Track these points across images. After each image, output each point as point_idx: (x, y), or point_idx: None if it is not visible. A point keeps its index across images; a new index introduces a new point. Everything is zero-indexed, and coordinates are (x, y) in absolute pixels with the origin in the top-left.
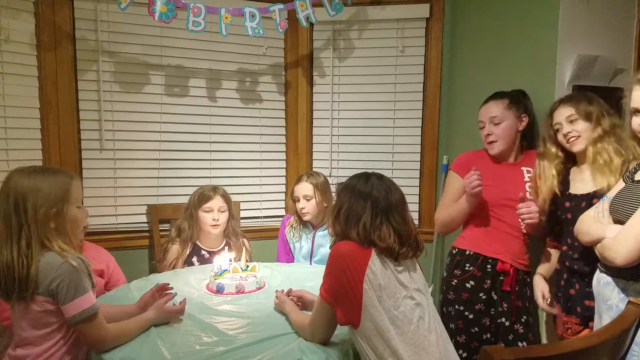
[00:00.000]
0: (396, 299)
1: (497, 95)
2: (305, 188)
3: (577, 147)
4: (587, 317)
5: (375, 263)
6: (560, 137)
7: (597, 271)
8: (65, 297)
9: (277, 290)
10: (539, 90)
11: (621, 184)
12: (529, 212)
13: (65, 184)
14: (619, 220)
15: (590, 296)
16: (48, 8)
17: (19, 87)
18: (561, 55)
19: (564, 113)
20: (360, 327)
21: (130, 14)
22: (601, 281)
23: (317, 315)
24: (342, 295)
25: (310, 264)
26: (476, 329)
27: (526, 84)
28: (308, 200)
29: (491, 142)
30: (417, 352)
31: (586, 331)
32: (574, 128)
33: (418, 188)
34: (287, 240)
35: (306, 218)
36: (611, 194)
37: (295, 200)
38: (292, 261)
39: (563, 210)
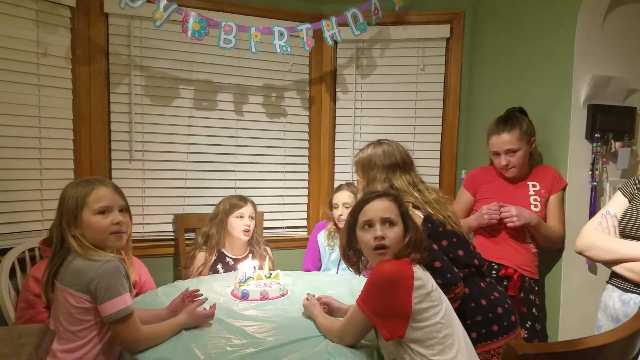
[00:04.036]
0: (441, 296)
1: (508, 125)
2: (345, 196)
3: None
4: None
5: (418, 272)
6: None
7: (618, 291)
8: (104, 296)
9: (308, 293)
10: (554, 109)
11: (622, 200)
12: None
13: (83, 192)
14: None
15: None
16: (84, 24)
17: (54, 99)
18: (577, 75)
19: None
20: (406, 336)
21: (162, 30)
22: (630, 302)
23: (350, 324)
24: (388, 314)
25: (337, 271)
26: None
27: (542, 102)
28: (347, 207)
29: (508, 169)
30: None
31: None
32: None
33: None
34: (317, 246)
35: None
36: (614, 210)
37: (334, 207)
38: (319, 267)
39: None
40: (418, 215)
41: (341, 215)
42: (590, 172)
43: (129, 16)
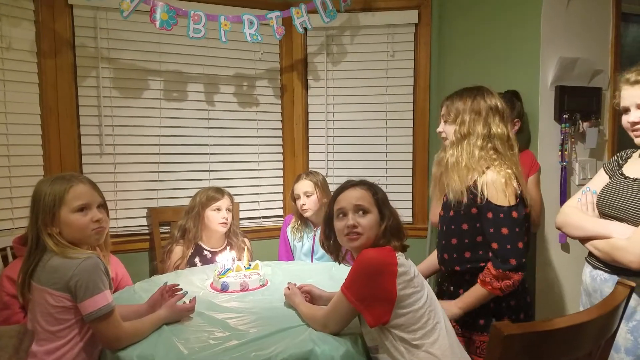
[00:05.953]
0: (423, 282)
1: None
2: (305, 185)
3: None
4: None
5: (401, 259)
6: None
7: (590, 267)
8: (84, 294)
9: (289, 282)
10: (524, 91)
11: (604, 177)
12: None
13: (61, 190)
14: (611, 215)
15: None
16: (48, 16)
17: (20, 94)
18: (544, 58)
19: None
20: (390, 322)
21: (129, 21)
22: (597, 278)
23: (334, 311)
24: (373, 300)
25: (312, 261)
26: None
27: (511, 85)
28: (308, 196)
29: None
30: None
31: None
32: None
33: (411, 186)
34: (288, 240)
35: (307, 214)
36: (594, 187)
37: (296, 197)
38: (292, 260)
39: None
40: (515, 189)
41: (303, 204)
42: (560, 153)
43: (95, 7)
